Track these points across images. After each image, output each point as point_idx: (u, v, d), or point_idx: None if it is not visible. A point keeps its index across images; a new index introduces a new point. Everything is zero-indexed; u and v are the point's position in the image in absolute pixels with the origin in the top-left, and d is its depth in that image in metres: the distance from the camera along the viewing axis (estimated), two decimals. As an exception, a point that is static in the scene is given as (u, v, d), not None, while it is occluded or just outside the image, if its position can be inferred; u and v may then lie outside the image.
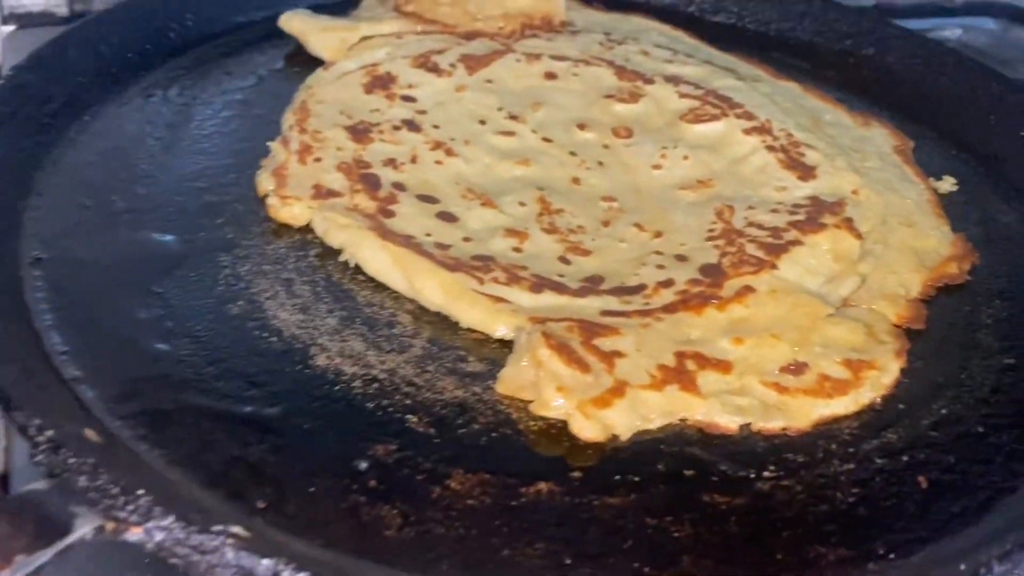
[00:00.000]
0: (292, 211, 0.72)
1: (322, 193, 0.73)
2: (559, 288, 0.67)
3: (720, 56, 1.01)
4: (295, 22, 0.94)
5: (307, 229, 0.72)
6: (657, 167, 0.82)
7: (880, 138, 0.90)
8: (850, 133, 0.90)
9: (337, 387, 0.58)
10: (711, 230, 0.74)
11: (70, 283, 0.63)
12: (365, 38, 0.95)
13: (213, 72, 0.90)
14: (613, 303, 0.66)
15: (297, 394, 0.57)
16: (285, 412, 0.56)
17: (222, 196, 0.74)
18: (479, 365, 0.61)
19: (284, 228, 0.72)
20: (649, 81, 0.92)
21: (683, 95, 0.90)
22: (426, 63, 0.92)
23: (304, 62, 0.92)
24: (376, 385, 0.58)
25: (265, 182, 0.74)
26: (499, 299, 0.65)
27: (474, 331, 0.64)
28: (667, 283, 0.68)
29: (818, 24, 1.07)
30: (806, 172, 0.82)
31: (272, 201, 0.72)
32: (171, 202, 0.72)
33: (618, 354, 0.61)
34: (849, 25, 1.05)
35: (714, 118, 0.88)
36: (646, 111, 0.89)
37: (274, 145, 0.78)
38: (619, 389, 0.58)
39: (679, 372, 0.60)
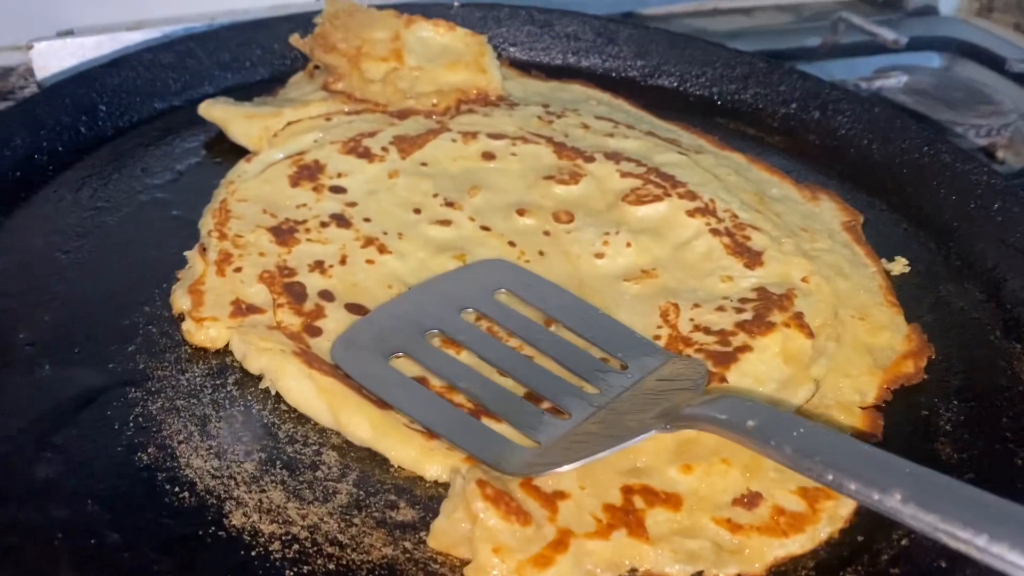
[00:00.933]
0: (209, 333, 0.67)
1: (242, 310, 0.69)
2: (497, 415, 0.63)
3: (662, 126, 0.98)
4: (215, 110, 0.88)
5: (226, 350, 0.67)
6: (600, 255, 0.79)
7: (829, 213, 0.87)
8: (798, 209, 0.87)
9: (254, 552, 0.53)
10: (656, 336, 0.70)
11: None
12: (291, 122, 0.90)
13: (128, 167, 0.85)
14: (555, 427, 0.63)
15: (210, 564, 0.52)
16: (196, 589, 0.51)
17: (134, 318, 0.69)
18: (411, 512, 0.57)
19: (201, 352, 0.67)
20: (589, 159, 0.89)
21: (624, 174, 0.87)
22: (356, 148, 0.87)
23: (227, 151, 0.87)
24: (296, 547, 0.53)
25: (180, 300, 0.69)
26: (433, 435, 0.60)
27: (406, 468, 0.60)
28: (611, 402, 0.65)
29: (762, 87, 1.04)
30: (752, 258, 0.78)
31: (187, 326, 0.67)
32: (79, 329, 0.67)
33: (561, 495, 0.57)
34: (793, 88, 1.02)
35: (656, 199, 0.84)
36: (587, 192, 0.86)
37: (191, 255, 0.74)
38: (562, 541, 0.54)
39: (626, 513, 0.56)
